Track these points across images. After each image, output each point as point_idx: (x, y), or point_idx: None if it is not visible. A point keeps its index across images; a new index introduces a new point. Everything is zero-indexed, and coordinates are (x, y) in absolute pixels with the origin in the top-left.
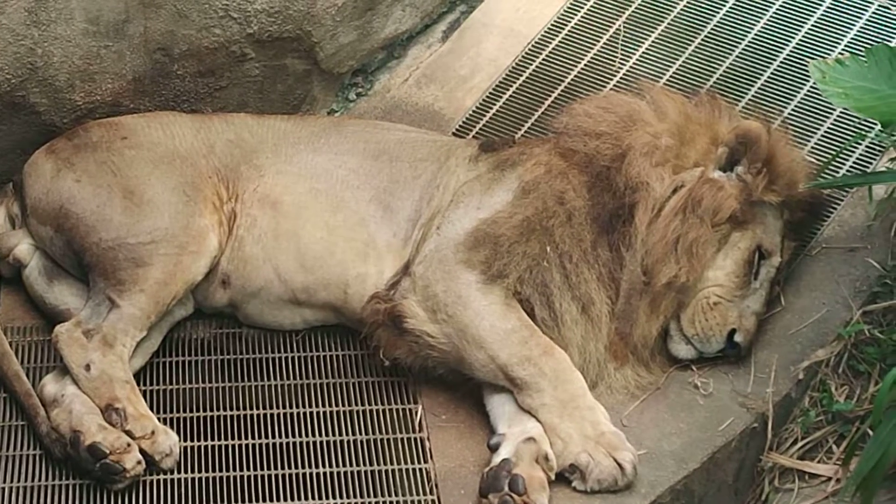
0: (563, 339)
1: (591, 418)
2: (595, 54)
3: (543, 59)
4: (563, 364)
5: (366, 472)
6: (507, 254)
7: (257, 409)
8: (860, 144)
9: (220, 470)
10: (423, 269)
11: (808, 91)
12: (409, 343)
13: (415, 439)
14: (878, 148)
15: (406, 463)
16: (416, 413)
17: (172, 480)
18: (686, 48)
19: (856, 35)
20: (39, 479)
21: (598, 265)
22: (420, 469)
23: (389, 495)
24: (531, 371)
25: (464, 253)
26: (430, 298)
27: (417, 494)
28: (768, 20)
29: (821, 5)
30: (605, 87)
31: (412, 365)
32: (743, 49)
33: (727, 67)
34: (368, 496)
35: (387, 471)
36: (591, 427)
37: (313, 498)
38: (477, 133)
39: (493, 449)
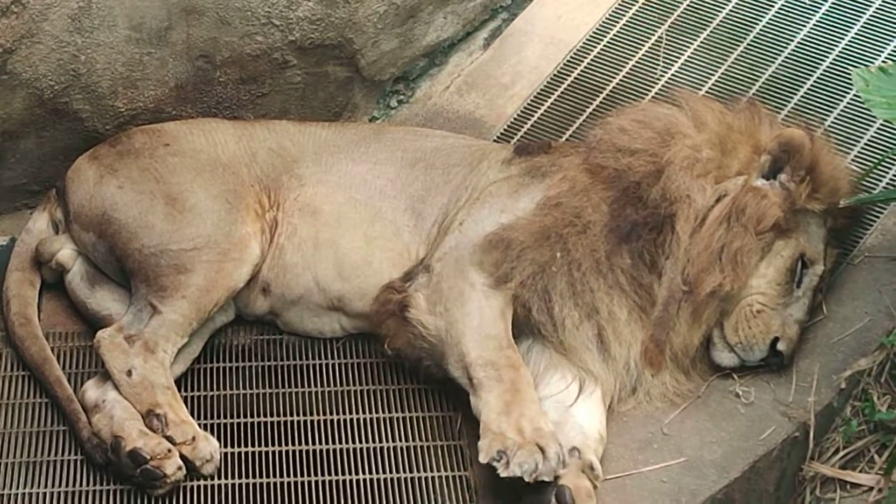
0: (565, 344)
1: (529, 416)
2: (637, 62)
3: (585, 67)
4: (524, 381)
5: (405, 479)
6: (516, 258)
7: (297, 415)
8: None
9: (260, 476)
10: (440, 266)
11: (851, 100)
12: (408, 333)
13: (455, 447)
14: None
15: (446, 470)
16: (456, 420)
17: (213, 486)
18: (729, 56)
19: None
20: (80, 485)
21: (615, 273)
22: (460, 476)
23: (430, 501)
24: (490, 374)
25: (478, 255)
26: (436, 293)
27: (457, 502)
28: (812, 27)
29: (865, 12)
30: (646, 95)
31: (409, 359)
32: (786, 57)
33: (770, 75)
34: (409, 502)
35: (426, 478)
36: (527, 424)
37: None
38: (518, 141)
39: None
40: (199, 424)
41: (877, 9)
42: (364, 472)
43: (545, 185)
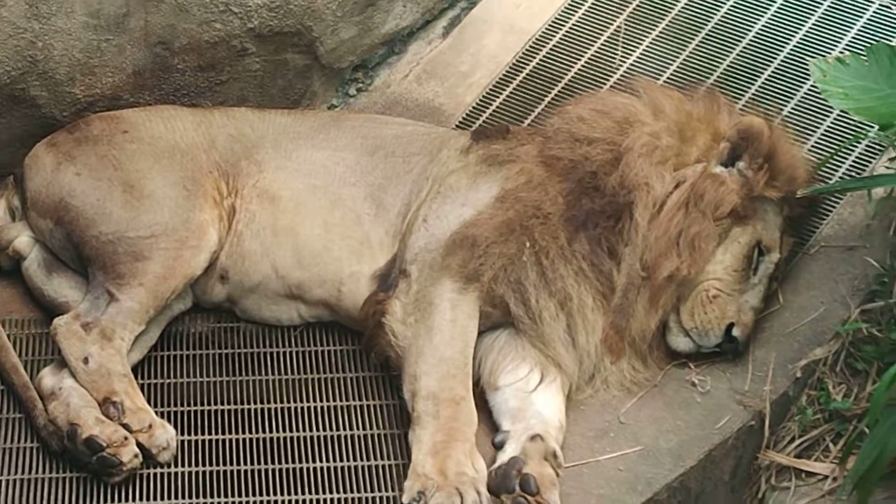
0: (543, 337)
1: (455, 459)
2: (596, 51)
3: (544, 56)
4: (462, 419)
5: (363, 467)
6: (483, 254)
7: (255, 403)
8: (859, 143)
9: (218, 464)
10: (417, 271)
11: (808, 90)
12: (382, 339)
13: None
14: (877, 147)
15: (404, 458)
16: None
17: (169, 474)
18: (687, 46)
19: (857, 34)
20: (36, 472)
21: (578, 259)
22: None
23: (386, 490)
24: (428, 408)
25: (447, 257)
26: (412, 302)
27: None
28: (769, 18)
29: (822, 4)
30: (605, 84)
31: (391, 357)
32: (744, 47)
33: (728, 65)
34: (366, 491)
35: (384, 465)
36: (452, 466)
37: (311, 492)
38: (474, 129)
39: (498, 447)
40: (156, 412)
41: (834, 0)
42: (321, 461)
43: (502, 175)
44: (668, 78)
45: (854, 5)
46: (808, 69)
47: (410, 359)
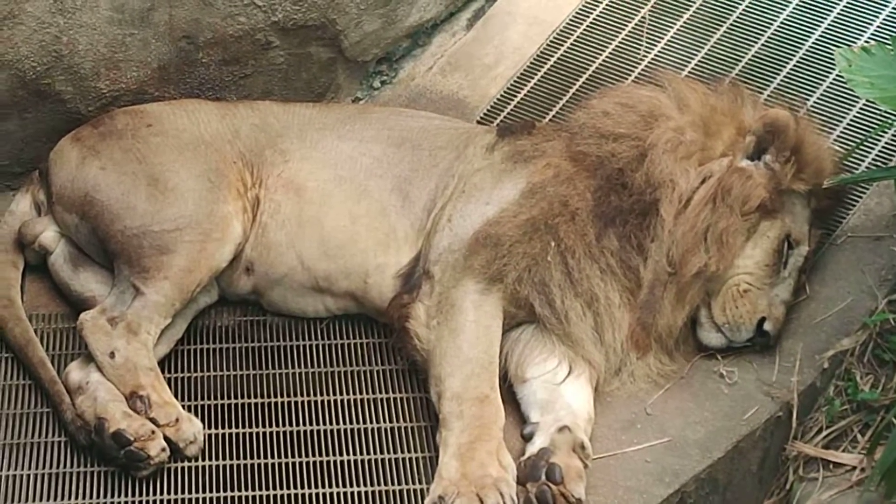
0: (571, 337)
1: (479, 461)
2: (620, 43)
3: (568, 48)
4: (487, 418)
5: (390, 459)
6: (507, 254)
7: (282, 396)
8: (885, 133)
9: (245, 458)
10: (440, 272)
11: (833, 80)
12: (408, 343)
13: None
14: None
15: (430, 451)
16: None
17: (197, 468)
18: (711, 37)
19: (882, 23)
20: (64, 466)
21: (606, 256)
22: None
23: (414, 483)
24: (453, 409)
25: (470, 257)
26: (434, 306)
27: None
28: (794, 7)
29: None
30: (629, 76)
31: (416, 358)
32: (769, 37)
33: (752, 56)
34: (393, 484)
35: (411, 459)
36: (476, 468)
37: (338, 486)
38: (501, 122)
39: (527, 438)
40: (183, 406)
41: None
42: (348, 454)
43: (528, 171)
44: (691, 69)
45: None
46: (832, 59)
47: (435, 361)
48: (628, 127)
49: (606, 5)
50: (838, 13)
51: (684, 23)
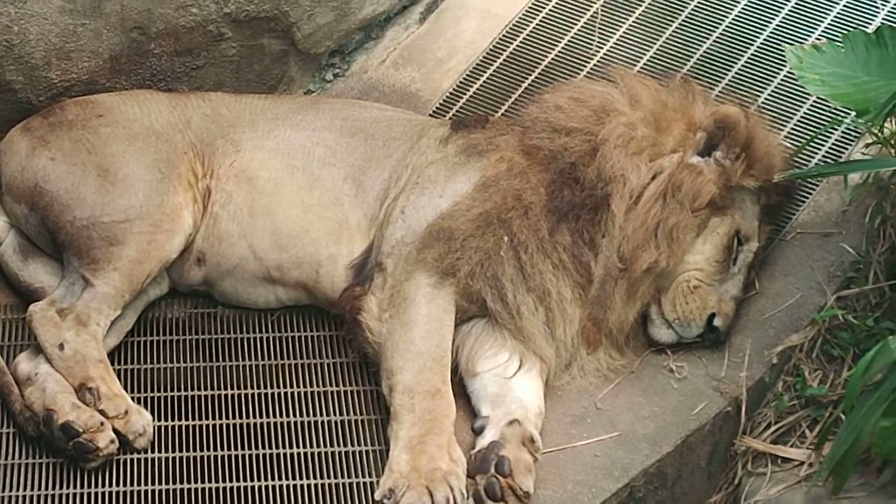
0: (523, 332)
1: (429, 455)
2: (572, 37)
3: (521, 42)
4: (439, 411)
5: (341, 452)
6: (460, 248)
7: (232, 389)
8: (836, 130)
9: (194, 450)
10: (392, 265)
11: (784, 77)
12: (358, 334)
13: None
14: (853, 133)
15: (381, 444)
16: None
17: (146, 460)
18: (663, 33)
19: (833, 21)
20: (12, 458)
21: (558, 251)
22: None
23: (364, 476)
24: (404, 402)
25: (422, 251)
26: (388, 298)
27: None
28: (746, 4)
29: None
30: (581, 70)
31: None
32: (720, 34)
33: (704, 52)
34: (343, 476)
35: (361, 451)
36: (426, 461)
37: (288, 478)
38: (454, 115)
39: (478, 432)
40: (133, 398)
41: None
42: (299, 447)
43: (482, 164)
44: (644, 65)
45: None
46: (783, 56)
47: (387, 354)
48: (580, 121)
49: (559, 1)
50: (789, 10)
51: (636, 18)
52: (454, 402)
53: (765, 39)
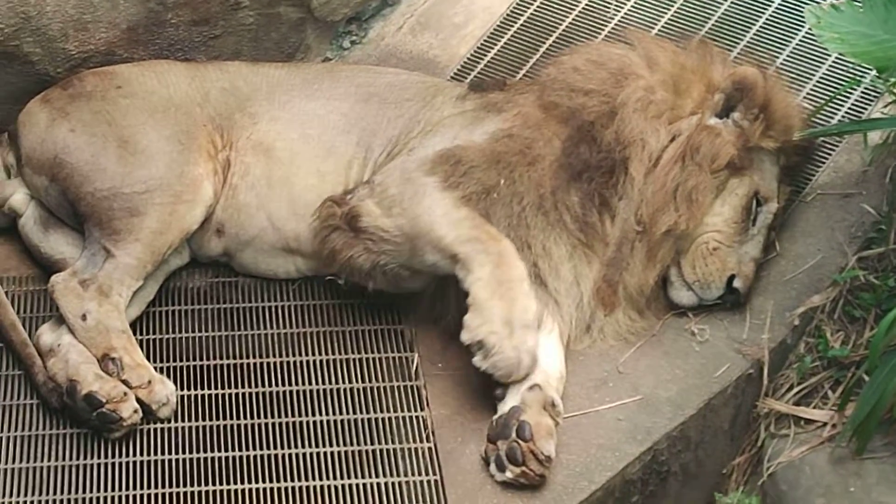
0: None
1: (521, 304)
2: (589, 1)
3: (538, 7)
4: (509, 251)
5: (362, 419)
6: (464, 174)
7: (254, 357)
8: (855, 90)
9: (217, 419)
10: (382, 177)
11: (804, 37)
12: (364, 241)
13: (411, 387)
14: (873, 93)
15: (402, 411)
16: (413, 361)
17: (169, 429)
18: None
19: None
20: (36, 429)
21: (558, 209)
22: (416, 417)
23: (386, 443)
24: (476, 247)
25: (427, 164)
26: (386, 198)
27: (414, 442)
28: None
29: None
30: (599, 34)
31: (364, 265)
32: None
33: (722, 13)
34: (365, 443)
35: (383, 418)
36: (518, 313)
37: (310, 446)
38: (471, 80)
39: (500, 398)
40: (155, 367)
41: None
42: (320, 414)
43: (500, 118)
44: (661, 28)
45: None
46: (802, 16)
47: (422, 232)
48: (599, 83)
49: None
50: None
51: None
52: None
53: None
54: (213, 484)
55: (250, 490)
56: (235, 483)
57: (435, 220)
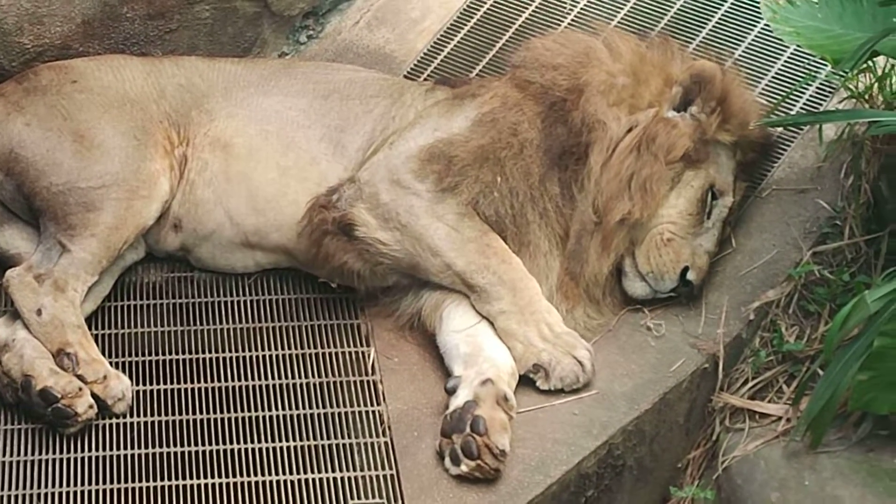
0: None
1: (547, 321)
2: None
3: (494, 2)
4: (520, 272)
5: (319, 414)
6: (459, 173)
7: (209, 352)
8: (811, 85)
9: (173, 414)
10: (368, 175)
11: (760, 31)
12: (360, 249)
13: (367, 382)
14: (829, 88)
15: (359, 405)
16: (369, 356)
17: (125, 424)
18: None
19: None
20: None
21: (544, 200)
22: (373, 411)
23: (342, 437)
24: (490, 279)
25: (415, 163)
26: (379, 206)
27: (370, 437)
28: None
29: None
30: (556, 29)
31: (360, 270)
32: None
33: (679, 8)
34: (321, 438)
35: (340, 413)
36: (548, 329)
37: (266, 441)
38: (429, 76)
39: (451, 392)
40: (111, 363)
41: None
42: (277, 409)
43: (476, 103)
44: (617, 23)
45: None
46: (759, 11)
47: (426, 254)
48: (566, 59)
49: None
50: None
51: None
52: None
53: None
54: (170, 479)
55: (206, 485)
56: (191, 478)
57: (439, 246)
